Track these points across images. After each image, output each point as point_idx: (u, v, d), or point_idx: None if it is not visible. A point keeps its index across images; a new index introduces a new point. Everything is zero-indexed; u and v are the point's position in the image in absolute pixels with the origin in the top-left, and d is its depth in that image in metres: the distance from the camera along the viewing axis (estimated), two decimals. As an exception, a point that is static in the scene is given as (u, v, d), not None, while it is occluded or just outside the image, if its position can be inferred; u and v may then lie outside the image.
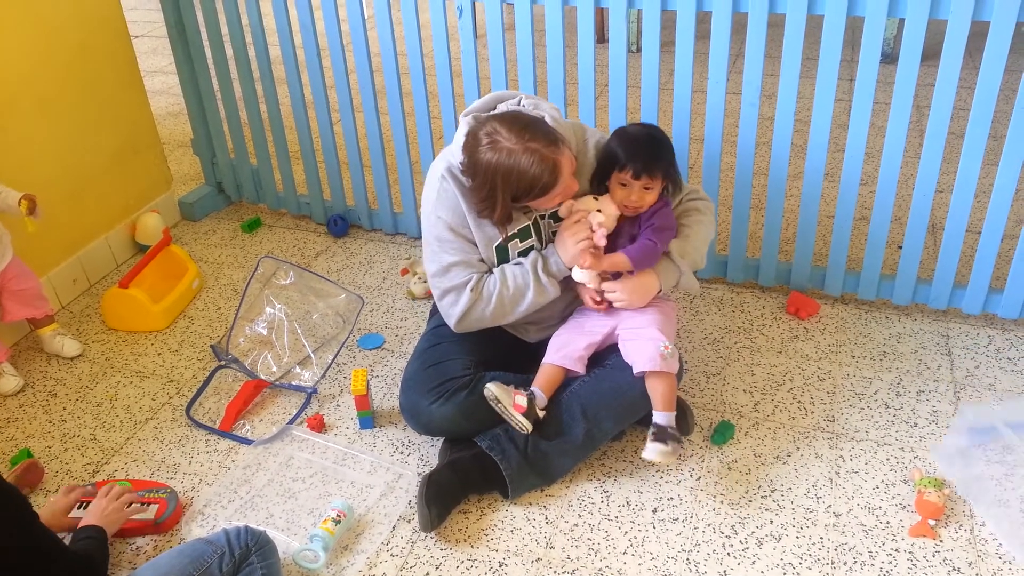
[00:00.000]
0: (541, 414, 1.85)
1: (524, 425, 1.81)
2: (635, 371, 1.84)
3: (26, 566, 1.40)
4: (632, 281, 1.87)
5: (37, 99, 2.45)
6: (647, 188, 1.82)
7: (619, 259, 1.84)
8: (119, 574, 1.77)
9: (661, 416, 1.82)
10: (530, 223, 1.90)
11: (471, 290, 1.88)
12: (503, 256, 1.91)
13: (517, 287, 1.87)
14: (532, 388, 1.87)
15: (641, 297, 1.88)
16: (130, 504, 1.82)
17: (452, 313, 1.91)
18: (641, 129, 1.89)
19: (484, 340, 2.01)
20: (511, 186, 1.73)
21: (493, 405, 1.82)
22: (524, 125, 1.72)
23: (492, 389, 1.81)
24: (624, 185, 1.83)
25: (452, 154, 1.86)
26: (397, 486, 1.95)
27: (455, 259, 1.88)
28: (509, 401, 1.80)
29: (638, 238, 1.86)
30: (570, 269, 1.86)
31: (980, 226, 2.28)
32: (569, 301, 2.00)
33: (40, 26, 2.42)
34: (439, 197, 1.87)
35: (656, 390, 1.83)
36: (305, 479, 1.99)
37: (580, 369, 1.90)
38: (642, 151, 1.82)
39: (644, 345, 1.84)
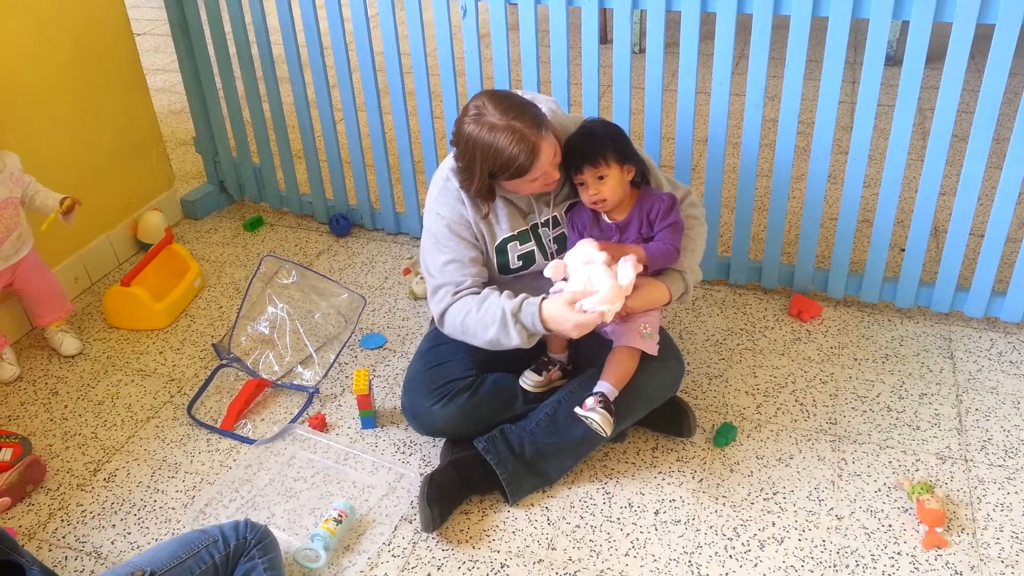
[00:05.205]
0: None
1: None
2: (615, 344, 1.89)
3: None
4: (645, 296, 1.83)
5: (39, 97, 2.44)
6: (600, 178, 1.80)
7: (640, 255, 1.80)
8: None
9: (605, 385, 1.83)
10: (528, 228, 1.90)
11: (453, 294, 1.86)
12: (503, 257, 1.91)
13: (486, 314, 1.79)
14: (553, 357, 1.99)
15: (644, 307, 1.87)
16: None
17: (436, 310, 1.90)
18: (580, 129, 1.87)
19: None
20: (488, 161, 1.71)
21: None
22: (512, 104, 1.71)
23: (529, 384, 1.95)
24: (583, 185, 1.83)
25: None
26: (399, 486, 1.95)
27: (449, 257, 1.87)
28: (548, 383, 1.96)
29: (655, 238, 1.84)
30: (549, 330, 1.76)
31: (983, 229, 2.28)
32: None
33: (41, 24, 2.42)
34: (440, 194, 1.88)
35: (617, 362, 1.86)
36: (307, 479, 1.99)
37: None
38: (575, 148, 1.82)
39: (628, 325, 1.89)
